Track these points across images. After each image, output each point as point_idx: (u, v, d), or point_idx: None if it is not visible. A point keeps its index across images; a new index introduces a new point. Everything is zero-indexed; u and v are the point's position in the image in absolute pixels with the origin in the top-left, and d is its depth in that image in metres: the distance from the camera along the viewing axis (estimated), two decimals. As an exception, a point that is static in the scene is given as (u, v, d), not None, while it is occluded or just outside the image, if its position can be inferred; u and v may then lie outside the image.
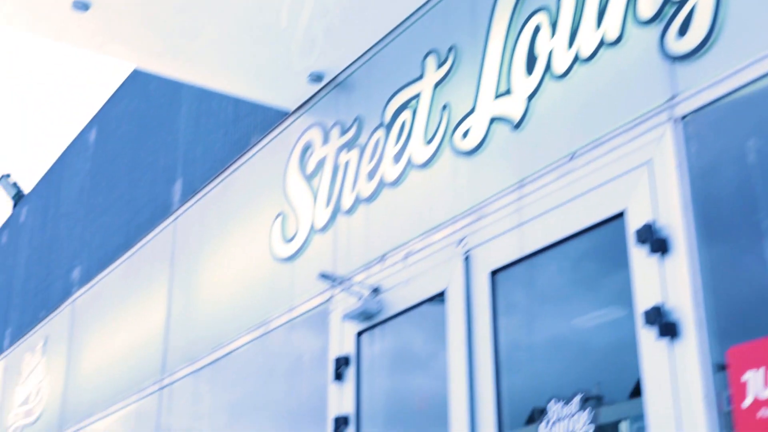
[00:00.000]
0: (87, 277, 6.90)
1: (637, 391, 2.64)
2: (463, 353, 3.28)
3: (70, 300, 7.13)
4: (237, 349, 4.73)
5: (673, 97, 2.79)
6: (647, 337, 2.63)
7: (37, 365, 7.46)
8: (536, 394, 2.99)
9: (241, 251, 4.94)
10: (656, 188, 2.75)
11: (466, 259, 3.39)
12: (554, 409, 2.85)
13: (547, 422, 2.86)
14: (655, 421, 2.56)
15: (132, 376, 5.79)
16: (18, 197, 9.42)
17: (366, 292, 3.79)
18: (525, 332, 3.25)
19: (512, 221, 3.23)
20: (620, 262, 2.79)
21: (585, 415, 2.75)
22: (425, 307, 3.59)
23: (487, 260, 3.30)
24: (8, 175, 9.48)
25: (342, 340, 3.92)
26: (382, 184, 3.94)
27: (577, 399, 2.79)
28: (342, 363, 3.86)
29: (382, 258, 3.83)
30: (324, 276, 3.89)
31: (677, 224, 2.66)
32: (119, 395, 5.87)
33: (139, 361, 5.74)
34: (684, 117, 2.76)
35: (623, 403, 2.78)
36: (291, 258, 4.45)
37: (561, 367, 3.05)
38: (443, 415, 3.29)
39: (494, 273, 3.27)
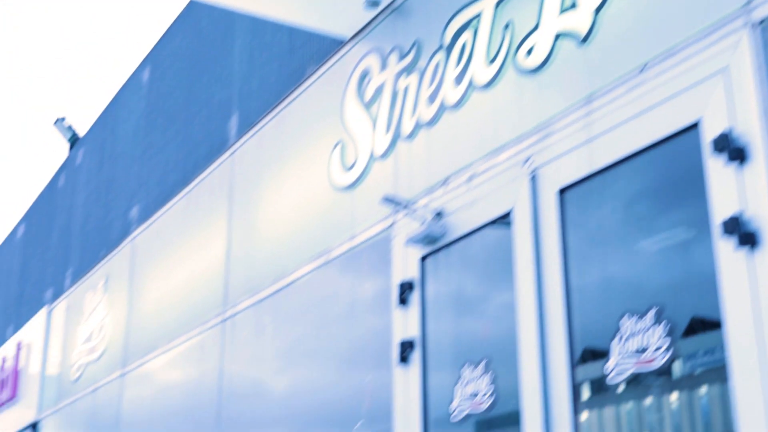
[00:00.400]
0: (146, 215, 6.98)
1: (714, 303, 2.59)
2: (531, 274, 3.25)
3: (129, 238, 7.23)
4: (298, 279, 4.75)
5: (749, 2, 2.70)
6: (725, 248, 2.57)
7: (99, 303, 7.60)
8: (608, 311, 2.96)
9: (299, 182, 4.95)
10: (733, 96, 2.67)
11: (533, 178, 3.34)
12: (627, 324, 2.81)
13: (620, 338, 2.83)
14: (734, 332, 2.51)
15: (194, 309, 5.87)
16: (74, 140, 9.54)
17: (429, 216, 3.77)
18: (595, 250, 3.21)
19: (580, 137, 3.17)
20: (695, 173, 2.73)
21: (660, 329, 2.71)
22: (490, 229, 3.56)
23: (555, 178, 3.25)
24: (63, 119, 9.58)
25: (405, 265, 3.91)
26: (443, 108, 3.90)
27: (651, 313, 2.75)
28: (406, 288, 3.85)
29: (445, 182, 3.80)
30: (388, 199, 3.87)
31: (755, 132, 2.59)
32: (181, 329, 5.96)
33: (201, 295, 5.82)
34: (761, 22, 2.67)
35: (700, 316, 2.74)
36: (351, 186, 4.44)
37: (634, 283, 3.00)
38: (512, 338, 3.28)
39: (562, 191, 3.22)
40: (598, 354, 2.94)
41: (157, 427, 6.60)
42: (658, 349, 2.71)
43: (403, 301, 3.87)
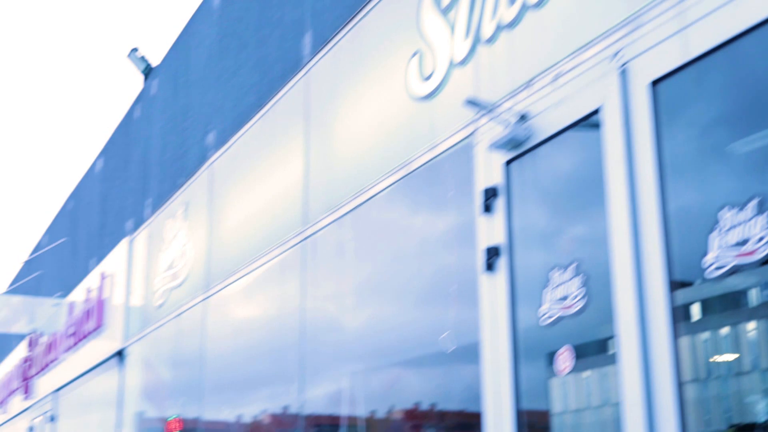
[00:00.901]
0: (222, 140, 7.02)
1: (823, 187, 2.48)
2: (623, 172, 3.16)
3: (207, 164, 7.28)
4: (379, 192, 4.73)
5: None
6: (834, 130, 2.45)
7: (179, 230, 7.71)
8: (705, 204, 2.86)
9: (377, 95, 4.89)
10: (843, -31, 2.52)
11: (622, 72, 3.23)
12: (727, 216, 2.71)
13: (719, 230, 2.73)
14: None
15: (274, 230, 5.90)
16: (148, 70, 9.61)
17: (513, 120, 3.68)
18: (691, 144, 3.10)
19: (674, 26, 3.04)
20: (800, 54, 2.60)
21: (762, 219, 2.61)
22: (578, 130, 3.47)
23: (647, 70, 3.13)
24: (136, 49, 9.65)
25: (489, 171, 3.85)
26: (525, 8, 3.78)
27: (752, 204, 2.65)
28: (490, 194, 3.79)
29: (529, 83, 3.70)
30: (471, 102, 3.79)
31: None
32: (262, 250, 6.02)
33: (280, 215, 5.85)
34: None
35: (806, 203, 2.63)
36: (430, 95, 4.37)
37: (733, 176, 2.90)
38: (602, 239, 3.21)
39: (655, 83, 3.10)
40: (697, 250, 2.85)
41: (241, 348, 6.72)
42: (760, 240, 2.62)
43: (487, 207, 3.81)
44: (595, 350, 3.31)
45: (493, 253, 3.72)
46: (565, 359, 3.29)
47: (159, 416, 7.88)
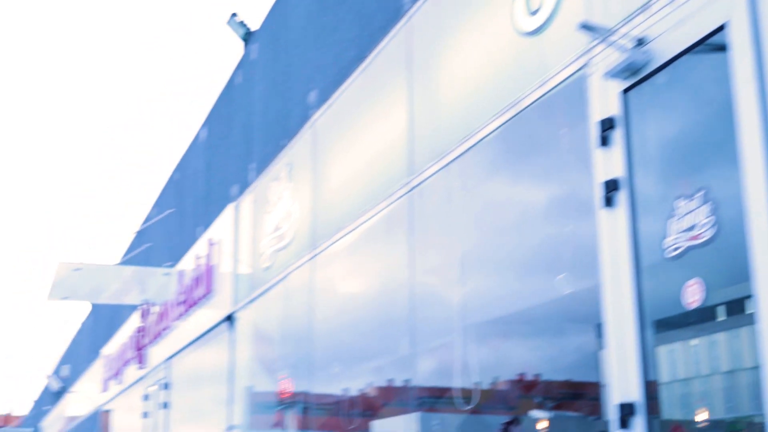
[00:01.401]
0: (324, 98, 6.98)
1: None
2: (753, 94, 2.96)
3: (309, 123, 7.26)
4: (487, 135, 4.60)
5: None
6: None
7: (284, 192, 7.73)
8: None
9: (482, 36, 4.75)
10: None
11: (751, -17, 3.02)
12: None
13: None
14: None
15: (379, 183, 5.84)
16: (247, 35, 9.65)
17: (630, 45, 3.50)
18: (829, 52, 2.87)
19: (808, -74, 2.82)
20: None
21: None
22: (701, 51, 3.27)
23: (778, -22, 2.92)
24: (235, 15, 9.69)
25: (605, 102, 3.67)
26: (639, -74, 3.58)
27: None
28: (607, 126, 3.63)
29: (646, 5, 3.51)
30: (585, 26, 3.62)
31: None
32: (368, 205, 5.96)
33: (385, 168, 5.77)
34: None
35: None
36: (538, 30, 4.21)
37: None
38: (732, 163, 3.02)
39: (788, -9, 2.89)
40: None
41: (349, 306, 6.71)
42: None
43: (604, 140, 3.65)
44: (726, 280, 3.14)
45: (611, 187, 3.56)
46: (694, 291, 3.12)
47: (269, 377, 7.94)
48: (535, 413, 5.68)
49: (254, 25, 9.58)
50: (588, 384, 4.59)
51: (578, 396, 5.30)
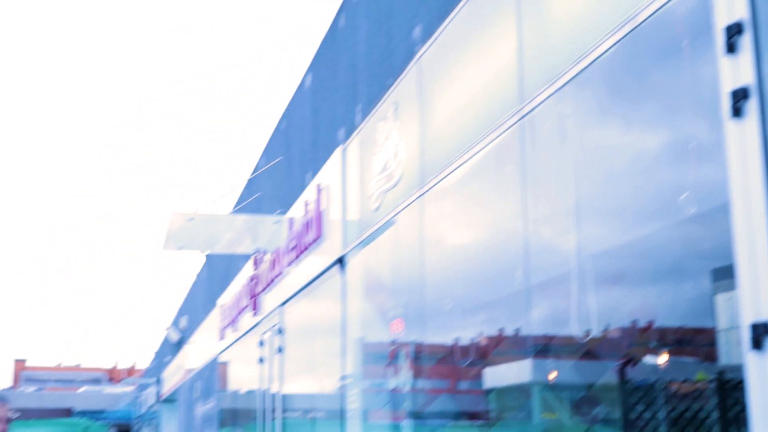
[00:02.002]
0: (429, 32, 6.83)
1: None
2: None
3: (414, 60, 7.14)
4: (602, 54, 4.39)
5: None
6: None
7: (391, 131, 7.65)
8: None
9: (594, -50, 4.52)
10: None
11: None
12: None
13: None
14: None
15: (488, 114, 5.68)
16: (349, -24, 9.54)
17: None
18: None
19: None
20: None
21: None
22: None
23: None
24: (337, -44, 9.60)
25: (731, 6, 3.44)
26: None
27: None
28: (734, 31, 3.39)
29: None
30: None
31: None
32: (477, 137, 5.82)
33: (494, 96, 5.61)
34: None
35: None
36: (656, -63, 3.97)
37: None
38: None
39: None
40: None
41: (460, 245, 6.61)
42: None
43: (731, 47, 3.41)
44: None
45: (740, 96, 3.34)
46: (835, 200, 2.90)
47: (381, 317, 7.94)
48: (650, 358, 5.54)
49: (356, -35, 9.46)
50: (704, 330, 4.40)
51: (693, 341, 5.14)
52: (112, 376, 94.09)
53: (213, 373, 19.10)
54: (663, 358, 5.12)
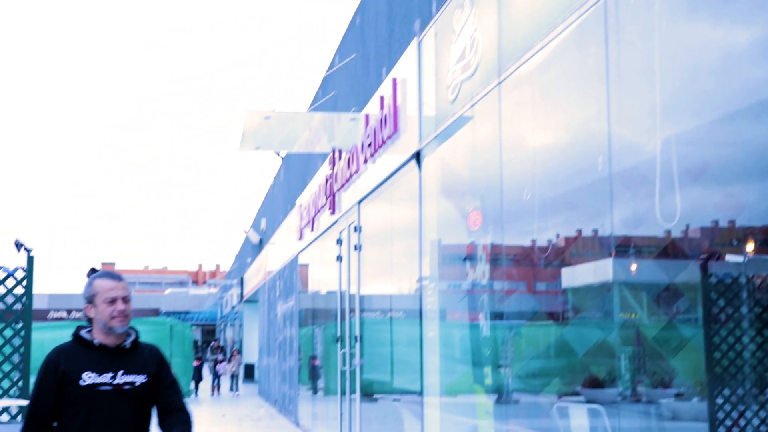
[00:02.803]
0: None
1: None
2: None
3: (492, -58, 6.87)
4: None
5: None
6: None
7: (468, 19, 7.43)
8: None
9: None
10: None
11: None
12: None
13: None
14: None
15: (569, -6, 5.45)
16: None
17: None
18: None
19: None
20: None
21: None
22: None
23: None
24: None
25: None
26: None
27: None
28: None
29: None
30: None
31: None
32: (557, 19, 5.60)
33: (576, -25, 5.37)
34: None
35: None
36: None
37: None
38: None
39: None
40: None
41: (538, 134, 6.44)
42: None
43: None
44: None
45: None
46: None
47: (458, 211, 7.86)
48: (732, 257, 5.45)
49: None
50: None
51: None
52: (197, 279, 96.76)
53: (293, 273, 19.41)
54: (745, 255, 5.00)
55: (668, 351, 6.60)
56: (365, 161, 11.13)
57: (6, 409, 8.78)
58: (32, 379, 10.42)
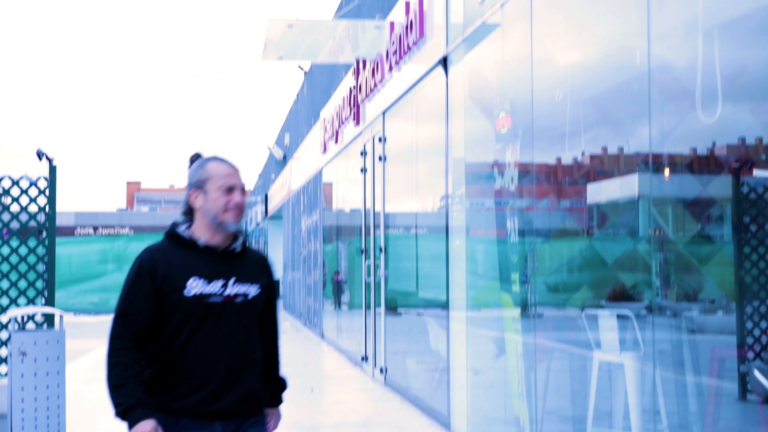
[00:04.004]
0: None
1: None
2: None
3: None
4: None
5: None
6: None
7: None
8: None
9: None
10: None
11: None
12: None
13: None
14: None
15: None
16: None
17: None
18: None
19: None
20: None
21: None
22: None
23: None
24: None
25: None
26: None
27: None
28: None
29: None
30: None
31: None
32: None
33: None
34: None
35: None
36: None
37: None
38: None
39: None
40: None
41: (568, 40, 6.32)
42: None
43: None
44: None
45: None
46: None
47: (486, 115, 7.77)
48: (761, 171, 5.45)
49: None
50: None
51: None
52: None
53: (317, 187, 19.44)
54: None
55: (698, 262, 6.58)
56: (390, 69, 11.01)
57: (32, 317, 8.94)
58: (57, 291, 10.55)
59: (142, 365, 3.51)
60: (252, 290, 3.59)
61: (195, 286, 3.47)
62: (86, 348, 16.32)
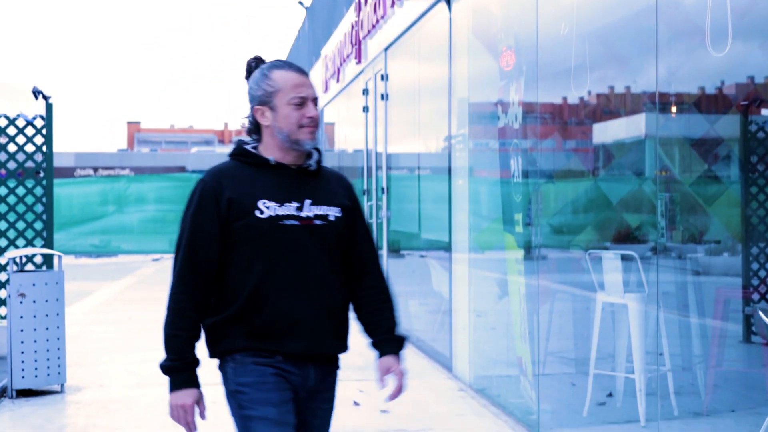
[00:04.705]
0: None
1: None
2: None
3: None
4: None
5: None
6: None
7: None
8: None
9: None
10: None
11: None
12: None
13: None
14: None
15: None
16: None
17: None
18: None
19: None
20: None
21: None
22: None
23: None
24: None
25: None
26: None
27: None
28: None
29: None
30: None
31: None
32: None
33: None
34: None
35: None
36: None
37: None
38: None
39: None
40: None
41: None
42: None
43: None
44: None
45: None
46: None
47: (491, 51, 7.67)
48: None
49: None
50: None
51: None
52: (223, 137, 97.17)
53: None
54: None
55: (704, 202, 6.55)
56: (392, 4, 10.86)
57: (31, 259, 8.95)
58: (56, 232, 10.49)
59: (202, 313, 3.09)
60: (332, 212, 3.16)
61: (267, 208, 3.05)
62: (87, 290, 16.38)
